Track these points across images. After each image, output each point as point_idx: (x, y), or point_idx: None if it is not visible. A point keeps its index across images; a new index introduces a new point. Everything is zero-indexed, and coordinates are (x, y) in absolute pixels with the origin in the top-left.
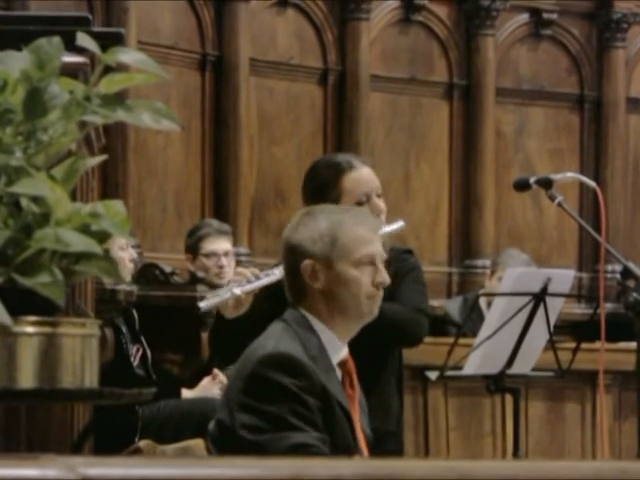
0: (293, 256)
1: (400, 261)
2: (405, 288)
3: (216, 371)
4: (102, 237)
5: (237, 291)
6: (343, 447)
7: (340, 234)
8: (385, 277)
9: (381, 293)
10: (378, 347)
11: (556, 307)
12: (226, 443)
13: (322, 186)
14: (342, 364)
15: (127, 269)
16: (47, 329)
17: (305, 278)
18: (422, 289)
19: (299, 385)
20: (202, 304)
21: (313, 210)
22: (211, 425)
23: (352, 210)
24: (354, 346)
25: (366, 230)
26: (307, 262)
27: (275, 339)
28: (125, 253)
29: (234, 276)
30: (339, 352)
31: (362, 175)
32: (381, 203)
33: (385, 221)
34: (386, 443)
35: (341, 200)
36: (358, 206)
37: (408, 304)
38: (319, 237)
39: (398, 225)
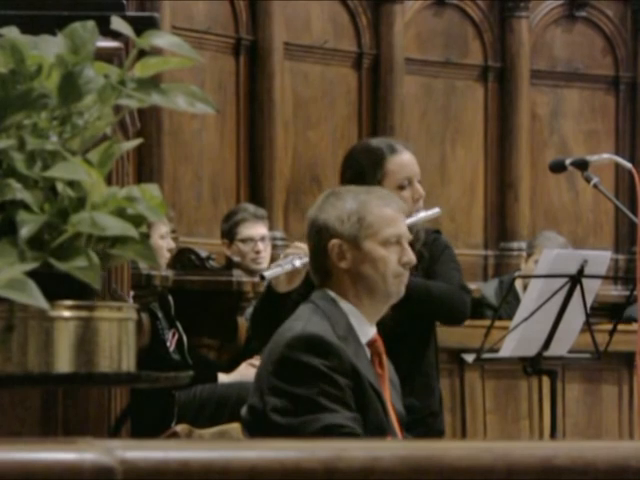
0: (320, 236)
1: (432, 242)
2: (443, 267)
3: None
4: (138, 221)
5: (297, 263)
6: (376, 426)
7: (367, 214)
8: (411, 256)
9: (407, 272)
10: (421, 328)
11: (593, 289)
12: (258, 428)
13: (362, 171)
14: (371, 344)
15: (164, 258)
16: (84, 313)
17: (332, 258)
18: (458, 267)
19: (329, 365)
20: (266, 273)
21: (339, 190)
22: (243, 411)
23: (377, 191)
24: (397, 328)
25: (392, 210)
26: (334, 242)
27: (304, 321)
28: (164, 242)
29: (292, 249)
30: (367, 332)
31: (405, 159)
32: (421, 188)
33: (422, 206)
34: (431, 423)
35: (383, 183)
36: (400, 190)
37: (450, 282)
38: (347, 217)
39: (434, 211)
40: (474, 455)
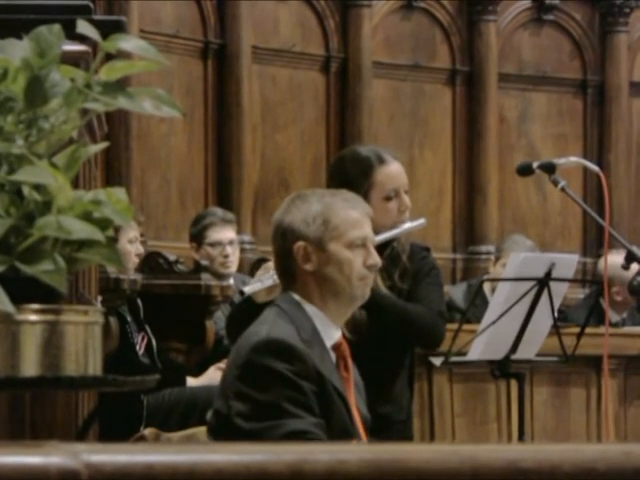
0: (285, 238)
1: (420, 259)
2: (426, 289)
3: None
4: (104, 224)
5: (277, 277)
6: (341, 430)
7: (332, 216)
8: (376, 259)
9: (372, 275)
10: (398, 344)
11: (560, 292)
12: (223, 432)
13: (350, 179)
14: (336, 347)
15: (132, 263)
16: (50, 317)
17: (297, 260)
18: (441, 290)
19: (293, 370)
20: (246, 289)
21: (304, 193)
22: (209, 415)
23: (342, 193)
24: (374, 340)
25: (357, 212)
26: (299, 244)
27: (268, 325)
28: (132, 247)
29: (272, 263)
30: (332, 335)
31: (393, 170)
32: (407, 200)
33: (407, 217)
34: (399, 431)
35: (370, 193)
36: (386, 201)
37: (429, 306)
38: (312, 219)
39: (419, 222)
40: (440, 458)
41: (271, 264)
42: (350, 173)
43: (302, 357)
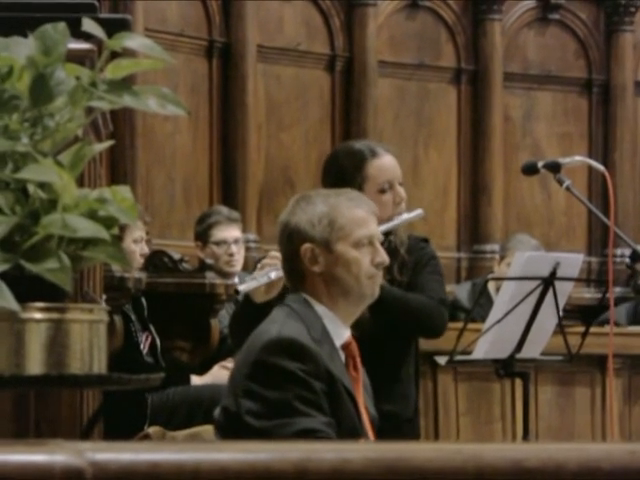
0: (291, 241)
1: (419, 250)
2: (426, 278)
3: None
4: (109, 223)
5: (273, 275)
6: (350, 429)
7: (338, 216)
8: (384, 257)
9: (381, 273)
10: (402, 336)
11: (565, 291)
12: (232, 430)
13: (344, 174)
14: (345, 346)
15: (136, 262)
16: (55, 315)
17: (305, 262)
18: (441, 279)
19: (304, 369)
20: (241, 287)
21: (309, 194)
22: (217, 412)
23: (347, 192)
24: (378, 335)
25: (363, 211)
26: (306, 246)
27: (279, 324)
28: (137, 247)
29: (268, 260)
30: (342, 335)
31: (386, 162)
32: (402, 191)
33: (404, 209)
34: (405, 430)
35: (364, 186)
36: (381, 193)
37: (430, 295)
38: (317, 220)
39: (416, 213)
40: (444, 457)
41: (266, 261)
42: (344, 167)
43: (313, 356)
